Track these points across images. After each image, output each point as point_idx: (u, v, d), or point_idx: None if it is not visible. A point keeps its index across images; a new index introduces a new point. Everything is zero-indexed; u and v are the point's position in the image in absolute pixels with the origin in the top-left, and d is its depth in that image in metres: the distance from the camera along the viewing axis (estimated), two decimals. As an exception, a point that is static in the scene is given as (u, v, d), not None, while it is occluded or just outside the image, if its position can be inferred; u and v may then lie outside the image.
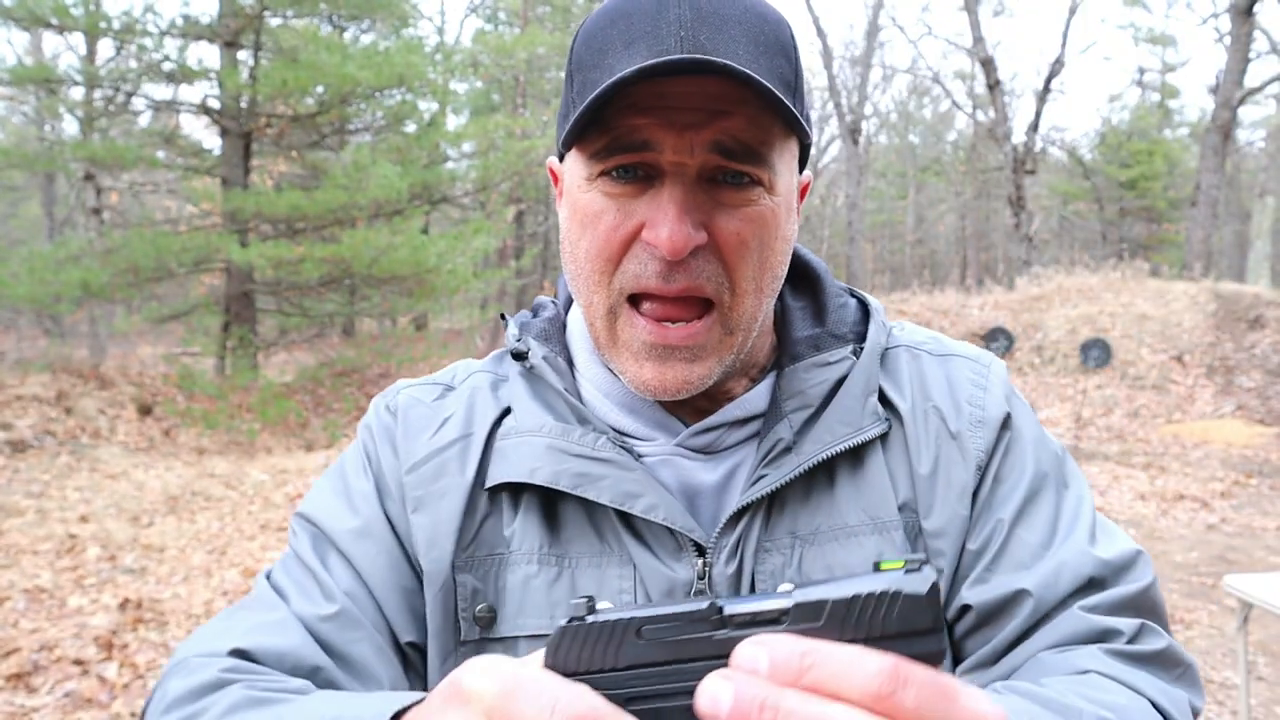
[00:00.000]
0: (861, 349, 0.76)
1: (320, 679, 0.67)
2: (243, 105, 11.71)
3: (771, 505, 0.71)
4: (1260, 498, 7.91)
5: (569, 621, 0.43)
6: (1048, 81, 22.06)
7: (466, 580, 0.71)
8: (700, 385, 0.69)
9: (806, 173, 0.75)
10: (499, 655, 0.45)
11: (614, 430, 0.73)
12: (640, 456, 0.72)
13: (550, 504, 0.72)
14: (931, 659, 0.39)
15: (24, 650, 4.08)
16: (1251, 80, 18.87)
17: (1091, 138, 33.82)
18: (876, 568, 0.42)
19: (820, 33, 27.03)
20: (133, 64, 11.93)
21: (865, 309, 0.79)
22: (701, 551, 0.70)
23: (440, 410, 0.78)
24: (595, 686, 0.42)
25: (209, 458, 9.21)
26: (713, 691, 0.38)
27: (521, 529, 0.72)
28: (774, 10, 0.67)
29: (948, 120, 37.83)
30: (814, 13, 26.87)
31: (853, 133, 27.28)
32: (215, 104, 11.98)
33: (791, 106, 0.62)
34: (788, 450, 0.71)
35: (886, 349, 0.78)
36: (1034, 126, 21.84)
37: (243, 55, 12.34)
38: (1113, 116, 33.65)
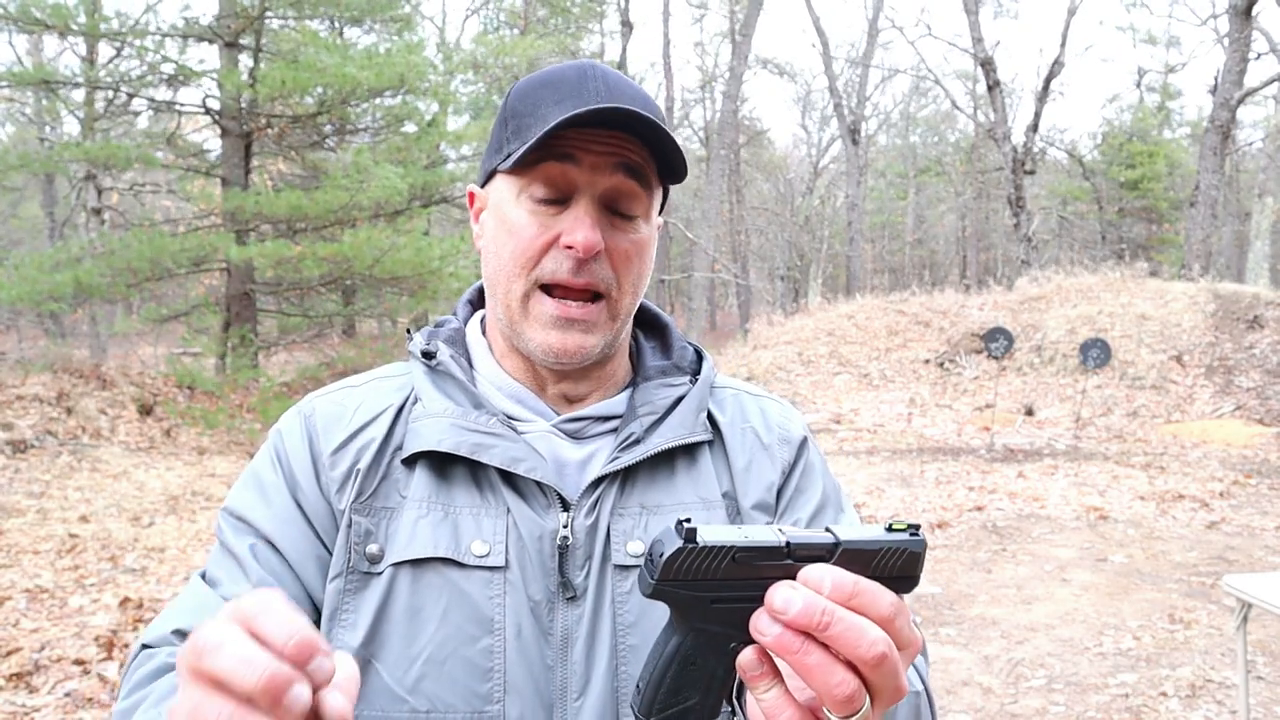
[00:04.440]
0: (697, 379, 0.99)
1: None
2: (243, 106, 11.71)
3: (625, 481, 0.90)
4: (1259, 498, 7.91)
5: (684, 543, 0.57)
6: (1047, 82, 22.07)
7: (361, 521, 0.87)
8: (590, 353, 0.90)
9: (660, 218, 0.98)
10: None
11: (503, 414, 0.92)
12: (522, 434, 0.91)
13: (441, 468, 0.89)
14: (909, 592, 0.62)
15: (25, 650, 4.09)
16: (1251, 80, 18.88)
17: (1093, 138, 33.85)
18: (890, 528, 0.61)
19: (820, 33, 27.05)
20: (132, 65, 11.94)
21: (699, 355, 1.04)
22: (566, 507, 0.87)
23: (349, 403, 0.95)
24: (694, 589, 0.58)
25: (210, 457, 9.22)
26: (785, 595, 0.56)
27: (415, 486, 0.88)
28: (651, 98, 0.92)
29: (948, 121, 37.83)
30: (814, 13, 26.88)
31: (853, 133, 27.28)
32: (215, 105, 11.99)
33: (675, 142, 0.85)
34: (638, 441, 0.91)
35: (716, 388, 1.02)
36: (1033, 127, 21.84)
37: (243, 56, 12.35)
38: (1114, 118, 33.64)
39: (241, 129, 11.92)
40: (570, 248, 0.85)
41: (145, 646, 0.84)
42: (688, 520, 0.58)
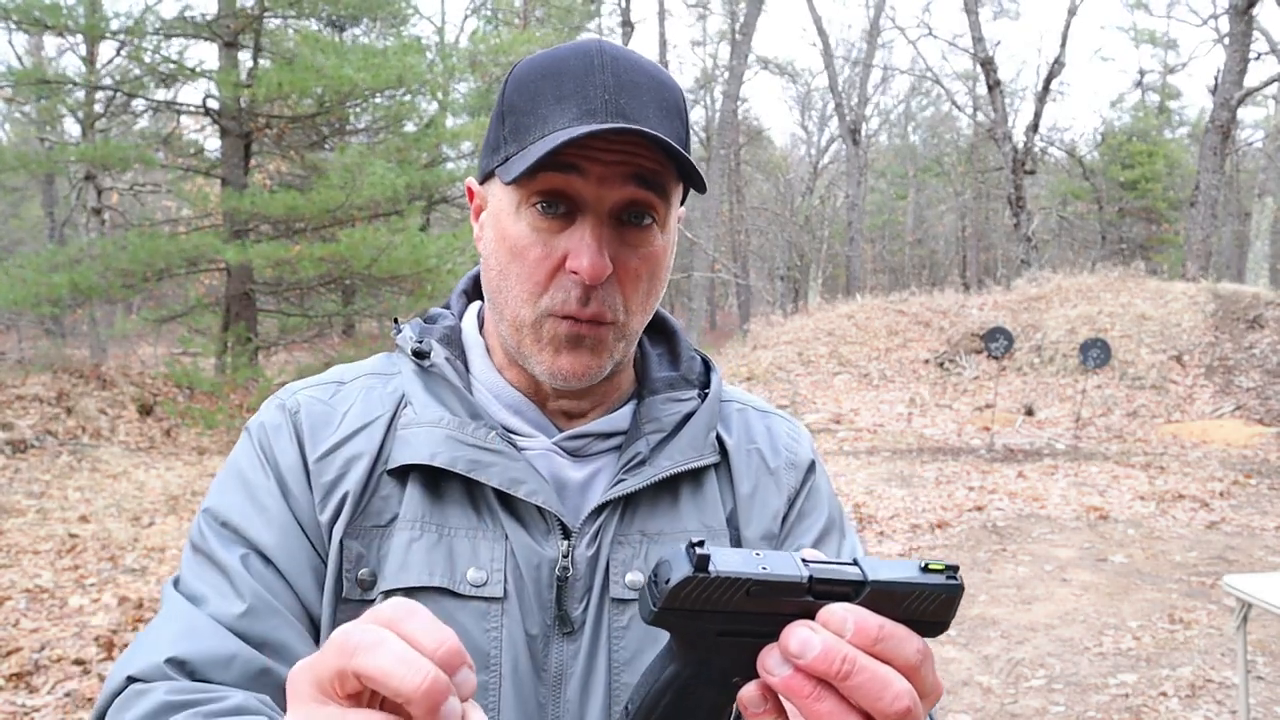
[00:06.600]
0: (707, 394, 0.92)
1: (255, 671, 0.74)
2: (242, 106, 11.71)
3: (626, 506, 0.84)
4: (1259, 497, 7.91)
5: (695, 572, 0.51)
6: (1047, 82, 22.07)
7: (353, 545, 0.81)
8: (599, 373, 0.83)
9: (682, 209, 0.90)
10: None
11: (501, 426, 0.85)
12: (522, 450, 0.84)
13: (435, 483, 0.82)
14: (937, 636, 0.55)
15: (25, 650, 4.09)
16: (1251, 80, 18.88)
17: (1093, 138, 33.85)
18: (925, 568, 0.54)
19: (821, 33, 27.04)
20: (132, 64, 11.93)
21: (707, 365, 0.97)
22: (567, 535, 0.82)
23: (338, 405, 0.87)
24: (701, 621, 0.53)
25: (210, 457, 9.22)
26: (803, 638, 0.50)
27: (408, 502, 0.82)
28: (670, 77, 0.83)
29: (948, 121, 37.82)
30: (815, 12, 26.88)
31: (853, 133, 27.28)
32: (215, 105, 11.99)
33: (691, 161, 0.77)
34: (644, 463, 0.85)
35: (721, 402, 0.94)
36: (1033, 127, 21.84)
37: (242, 56, 12.35)
38: (1115, 119, 33.64)
39: (241, 129, 11.92)
40: (576, 273, 0.78)
41: (132, 680, 0.73)
42: (699, 544, 0.52)
